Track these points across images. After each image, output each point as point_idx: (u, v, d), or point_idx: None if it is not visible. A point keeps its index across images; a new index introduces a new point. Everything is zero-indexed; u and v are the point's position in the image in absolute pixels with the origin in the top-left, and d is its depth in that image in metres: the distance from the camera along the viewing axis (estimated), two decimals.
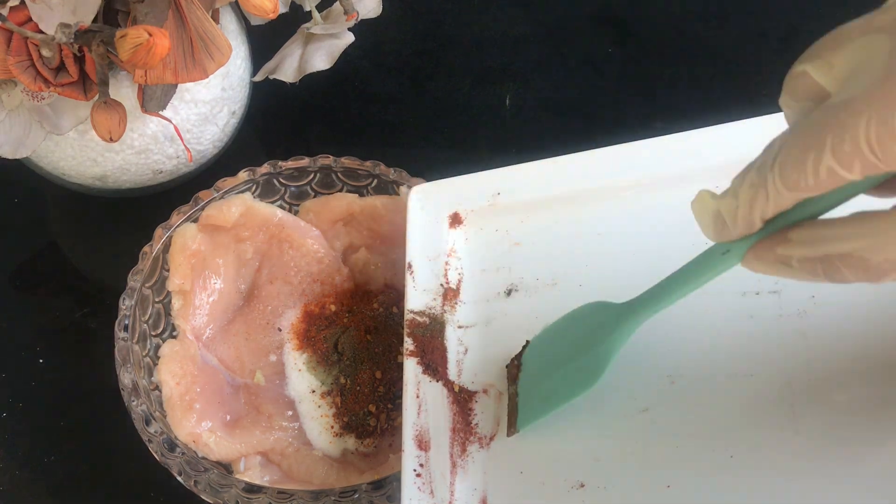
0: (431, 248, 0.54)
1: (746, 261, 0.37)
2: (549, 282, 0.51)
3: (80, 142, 0.58)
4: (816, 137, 0.32)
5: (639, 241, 0.51)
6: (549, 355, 0.47)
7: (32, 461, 0.57)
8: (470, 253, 0.54)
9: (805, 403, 0.42)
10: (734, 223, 0.36)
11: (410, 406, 0.48)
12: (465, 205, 0.55)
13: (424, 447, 0.47)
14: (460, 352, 0.50)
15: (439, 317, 0.52)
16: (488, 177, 0.56)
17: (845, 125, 0.31)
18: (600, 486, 0.43)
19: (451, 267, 0.54)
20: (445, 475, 0.46)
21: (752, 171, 0.35)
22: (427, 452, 0.46)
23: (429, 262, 0.53)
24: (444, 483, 0.45)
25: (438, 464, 0.46)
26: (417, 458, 0.46)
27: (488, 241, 0.54)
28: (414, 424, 0.47)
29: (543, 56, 0.76)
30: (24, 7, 0.50)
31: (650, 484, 0.42)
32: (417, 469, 0.46)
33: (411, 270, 0.53)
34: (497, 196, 0.55)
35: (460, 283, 0.53)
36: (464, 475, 0.46)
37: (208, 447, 0.52)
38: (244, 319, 0.58)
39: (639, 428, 0.44)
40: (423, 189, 0.56)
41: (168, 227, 0.56)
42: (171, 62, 0.51)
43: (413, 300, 0.52)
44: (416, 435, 0.47)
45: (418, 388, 0.49)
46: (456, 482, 0.46)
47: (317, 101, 0.72)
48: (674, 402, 0.44)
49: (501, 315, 0.51)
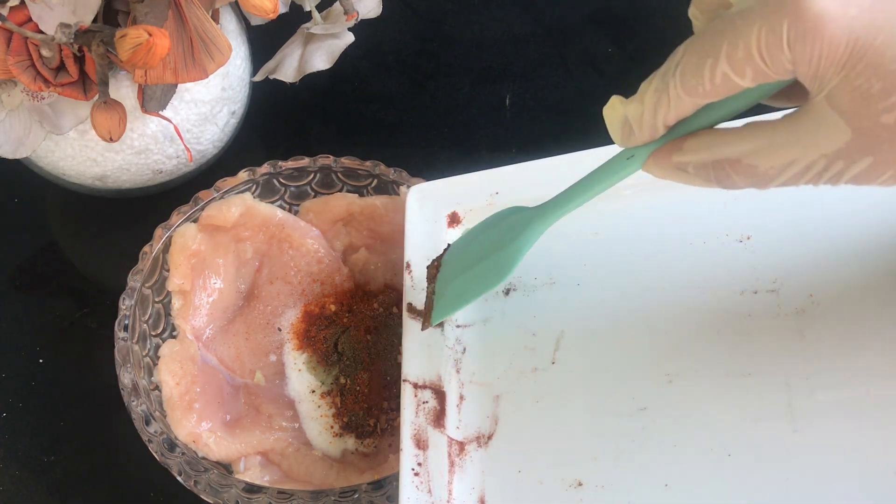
0: (430, 247, 0.54)
1: (647, 166, 0.39)
2: (546, 281, 0.51)
3: (80, 142, 0.58)
4: (713, 44, 0.34)
5: (636, 240, 0.51)
6: (464, 256, 0.49)
7: (32, 461, 0.57)
8: None
9: (803, 403, 0.42)
10: (640, 128, 0.38)
11: (408, 405, 0.48)
12: (463, 204, 0.55)
13: (422, 446, 0.47)
14: (458, 350, 0.50)
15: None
16: (487, 176, 0.56)
17: (739, 32, 0.33)
18: (598, 485, 0.43)
19: None
20: (443, 474, 0.46)
21: (656, 77, 0.37)
22: (425, 451, 0.46)
23: (427, 261, 0.53)
24: (442, 482, 0.46)
25: (436, 463, 0.46)
26: (415, 457, 0.46)
27: None
28: (412, 424, 0.47)
29: (543, 56, 0.76)
30: (24, 7, 0.50)
31: (648, 483, 0.43)
32: (415, 468, 0.46)
33: (410, 270, 0.54)
34: (495, 195, 0.55)
35: None
36: (462, 474, 0.46)
37: (208, 447, 0.52)
38: (244, 319, 0.58)
39: (637, 427, 0.44)
40: (422, 188, 0.56)
41: (168, 227, 0.56)
42: (171, 62, 0.51)
43: (412, 300, 0.52)
44: (413, 434, 0.47)
45: (416, 388, 0.49)
46: (454, 481, 0.46)
47: (317, 101, 0.72)
48: (672, 401, 0.44)
49: (499, 314, 0.51)
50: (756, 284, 0.46)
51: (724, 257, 0.48)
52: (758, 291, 0.46)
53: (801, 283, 0.46)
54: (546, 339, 0.49)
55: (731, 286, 0.47)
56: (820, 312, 0.44)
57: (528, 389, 0.48)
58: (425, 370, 0.49)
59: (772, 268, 0.47)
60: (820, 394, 0.42)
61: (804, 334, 0.44)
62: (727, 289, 0.47)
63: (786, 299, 0.45)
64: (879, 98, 0.32)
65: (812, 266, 0.46)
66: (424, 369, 0.49)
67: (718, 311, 0.46)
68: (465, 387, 0.49)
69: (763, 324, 0.45)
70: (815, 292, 0.45)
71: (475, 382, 0.49)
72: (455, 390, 0.49)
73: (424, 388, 0.49)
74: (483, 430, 0.47)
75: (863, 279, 0.45)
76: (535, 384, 0.48)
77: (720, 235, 0.49)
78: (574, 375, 0.47)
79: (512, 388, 0.48)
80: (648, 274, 0.49)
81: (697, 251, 0.49)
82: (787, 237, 0.47)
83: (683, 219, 0.50)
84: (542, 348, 0.49)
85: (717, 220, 0.49)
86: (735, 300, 0.46)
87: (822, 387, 0.42)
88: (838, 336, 0.43)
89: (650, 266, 0.49)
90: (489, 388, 0.49)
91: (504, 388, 0.48)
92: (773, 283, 0.46)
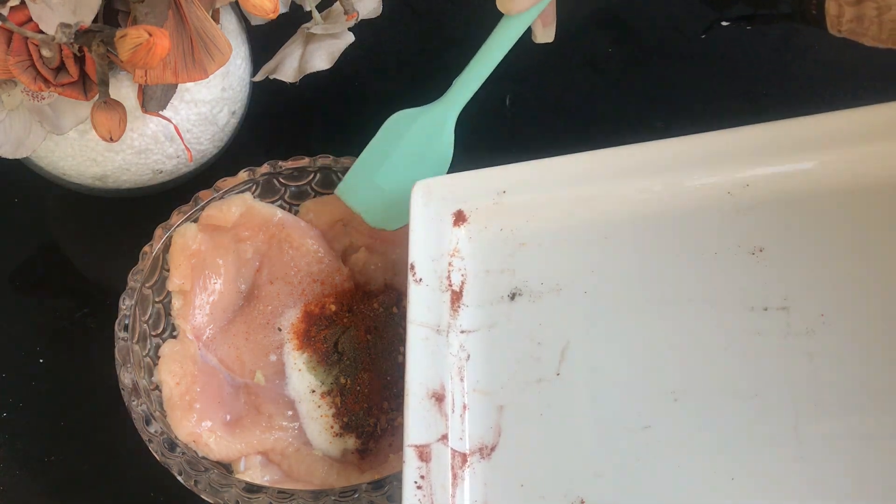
0: (434, 246, 0.53)
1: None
2: (553, 287, 0.50)
3: (80, 142, 0.58)
4: None
5: (646, 249, 0.49)
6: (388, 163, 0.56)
7: (32, 461, 0.57)
8: (474, 253, 0.53)
9: (810, 428, 0.41)
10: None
11: (412, 416, 0.47)
12: (469, 202, 0.54)
13: (425, 458, 0.46)
14: (462, 358, 0.50)
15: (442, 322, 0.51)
16: (495, 173, 0.54)
17: None
18: (600, 502, 0.43)
19: (454, 268, 0.53)
20: (446, 487, 0.45)
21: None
22: (428, 464, 0.46)
23: (432, 262, 0.52)
24: (445, 495, 0.45)
25: (439, 475, 0.46)
26: (418, 470, 0.46)
27: (493, 241, 0.53)
28: (415, 435, 0.47)
29: (543, 56, 0.76)
30: (24, 7, 0.50)
31: (649, 502, 0.42)
32: (418, 481, 0.45)
33: (414, 272, 0.52)
34: (503, 194, 0.53)
35: (463, 284, 0.52)
36: (464, 487, 0.46)
37: (208, 447, 0.52)
38: (244, 319, 0.58)
39: (640, 445, 0.44)
40: (427, 184, 0.54)
41: (168, 227, 0.56)
42: (171, 62, 0.51)
43: (415, 303, 0.51)
44: (416, 446, 0.46)
45: (419, 397, 0.48)
46: (457, 494, 0.45)
47: (317, 101, 0.72)
48: (676, 419, 0.44)
49: (505, 320, 0.50)
50: (766, 301, 0.45)
51: (734, 270, 0.47)
52: (768, 308, 0.45)
53: (813, 301, 0.45)
54: (551, 349, 0.48)
55: (741, 302, 0.46)
56: (830, 334, 0.43)
57: (532, 401, 0.47)
58: (429, 378, 0.48)
59: (783, 283, 0.46)
60: (828, 419, 0.41)
61: (813, 356, 0.43)
62: (737, 304, 0.46)
63: (796, 318, 0.44)
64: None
65: (825, 283, 0.45)
66: (428, 377, 0.48)
67: (727, 328, 0.45)
68: (469, 395, 0.48)
69: (772, 343, 0.44)
70: (825, 312, 0.44)
71: (479, 391, 0.48)
72: (459, 399, 0.48)
73: (428, 398, 0.48)
74: (486, 442, 0.47)
75: (876, 298, 0.44)
76: (540, 396, 0.47)
77: (731, 247, 0.48)
78: (578, 389, 0.47)
79: (516, 399, 0.47)
80: (657, 285, 0.47)
81: (708, 263, 0.48)
82: (801, 249, 0.46)
83: (695, 229, 0.49)
84: (547, 359, 0.48)
85: (730, 230, 0.48)
86: (744, 317, 0.45)
87: (830, 411, 0.41)
88: (848, 361, 0.42)
89: (659, 276, 0.48)
90: (493, 398, 0.48)
91: (508, 399, 0.48)
92: (783, 301, 0.45)
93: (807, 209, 0.47)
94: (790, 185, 0.48)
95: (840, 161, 0.48)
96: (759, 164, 0.49)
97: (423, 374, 0.48)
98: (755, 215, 0.48)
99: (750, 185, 0.49)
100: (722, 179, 0.50)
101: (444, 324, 0.50)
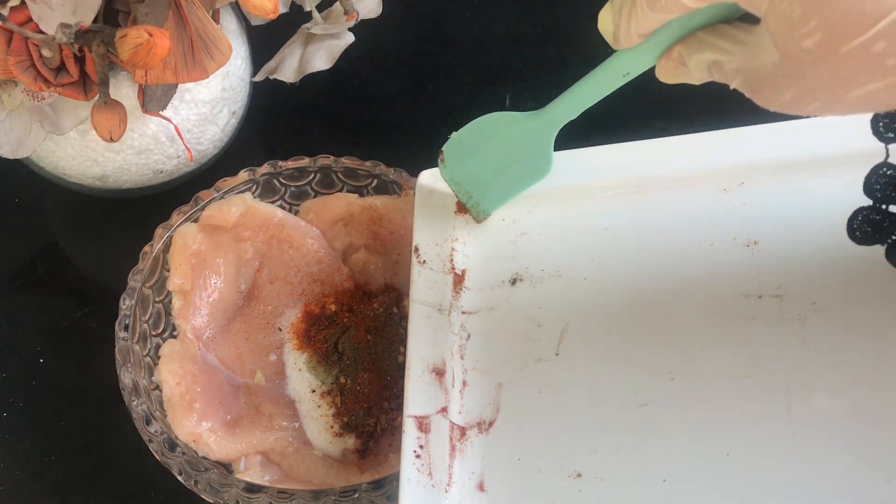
0: (438, 232, 0.54)
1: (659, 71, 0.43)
2: (553, 273, 0.52)
3: (80, 142, 0.58)
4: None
5: (645, 239, 0.51)
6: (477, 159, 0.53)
7: (32, 461, 0.57)
8: (476, 240, 0.54)
9: (802, 407, 0.43)
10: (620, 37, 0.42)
11: (413, 388, 0.48)
12: None
13: (425, 429, 0.47)
14: (463, 337, 0.51)
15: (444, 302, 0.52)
16: None
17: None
18: (597, 477, 0.44)
19: (457, 252, 0.54)
20: (444, 458, 0.46)
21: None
22: (427, 435, 0.47)
23: (435, 245, 0.53)
24: (443, 465, 0.46)
25: (438, 447, 0.46)
26: (417, 440, 0.46)
27: (495, 230, 0.54)
28: (415, 407, 0.47)
29: (543, 56, 0.76)
30: (24, 7, 0.50)
31: (646, 477, 0.43)
32: (417, 450, 0.46)
33: (418, 254, 0.53)
34: None
35: (466, 269, 0.53)
36: (462, 459, 0.46)
37: (208, 447, 0.52)
38: (244, 319, 0.58)
39: (637, 422, 0.45)
40: (433, 173, 0.56)
41: (168, 227, 0.56)
42: (172, 62, 0.51)
43: (418, 283, 0.52)
44: (416, 417, 0.47)
45: (420, 371, 0.49)
46: (454, 465, 0.46)
47: (317, 101, 0.72)
48: (673, 398, 0.45)
49: (505, 303, 0.51)
50: (760, 289, 0.47)
51: (730, 261, 0.49)
52: (762, 296, 0.47)
53: (805, 290, 0.46)
54: (550, 330, 0.49)
55: (736, 289, 0.47)
56: (822, 320, 0.45)
57: (530, 379, 0.48)
58: (430, 353, 0.50)
59: (777, 273, 0.47)
60: (819, 398, 0.43)
61: (806, 340, 0.45)
62: (732, 292, 0.47)
63: (789, 305, 0.46)
64: (801, 23, 0.33)
65: (816, 273, 0.47)
66: (429, 353, 0.50)
67: (722, 314, 0.47)
68: (469, 373, 0.49)
69: (766, 328, 0.46)
70: (818, 300, 0.46)
71: (478, 370, 0.49)
72: (458, 376, 0.49)
73: (428, 372, 0.49)
74: (484, 417, 0.48)
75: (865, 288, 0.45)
76: (538, 374, 0.48)
77: (728, 239, 0.49)
78: (577, 368, 0.48)
79: (515, 378, 0.48)
80: (655, 273, 0.49)
81: (705, 253, 0.49)
82: (795, 243, 0.48)
83: (693, 221, 0.51)
84: (546, 340, 0.49)
85: (726, 223, 0.50)
86: (739, 303, 0.47)
87: (821, 392, 0.43)
88: (839, 344, 0.44)
89: (657, 265, 0.50)
90: (492, 376, 0.49)
91: (507, 377, 0.49)
92: (777, 289, 0.47)
93: (799, 204, 0.49)
94: (783, 182, 0.50)
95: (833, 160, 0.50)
96: (755, 163, 0.51)
97: (425, 349, 0.50)
98: (750, 210, 0.50)
99: (745, 183, 0.51)
100: (718, 177, 0.52)
101: (445, 304, 0.52)
